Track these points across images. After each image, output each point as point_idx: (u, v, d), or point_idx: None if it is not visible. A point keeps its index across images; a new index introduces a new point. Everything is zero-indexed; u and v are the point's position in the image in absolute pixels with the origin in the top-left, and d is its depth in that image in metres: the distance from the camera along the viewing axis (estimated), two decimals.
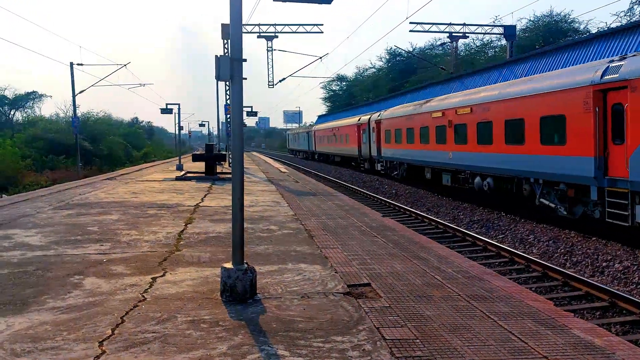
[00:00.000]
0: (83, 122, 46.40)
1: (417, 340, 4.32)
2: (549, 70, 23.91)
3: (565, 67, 22.90)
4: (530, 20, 44.15)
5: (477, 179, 18.10)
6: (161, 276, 6.40)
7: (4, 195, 23.35)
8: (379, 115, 30.76)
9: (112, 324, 4.74)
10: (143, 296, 5.58)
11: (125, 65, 35.68)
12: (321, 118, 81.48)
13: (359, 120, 36.22)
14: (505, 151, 15.92)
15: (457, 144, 19.33)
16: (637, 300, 7.92)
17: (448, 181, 20.83)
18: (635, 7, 33.95)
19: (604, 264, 10.40)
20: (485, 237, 13.21)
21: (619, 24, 32.46)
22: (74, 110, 36.53)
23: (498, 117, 16.31)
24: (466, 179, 19.20)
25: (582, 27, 41.48)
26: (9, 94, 67.94)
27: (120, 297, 5.54)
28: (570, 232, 13.16)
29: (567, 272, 9.60)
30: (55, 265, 6.95)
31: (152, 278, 6.30)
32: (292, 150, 78.44)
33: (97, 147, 48.46)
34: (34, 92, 69.29)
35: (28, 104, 69.41)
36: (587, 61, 21.78)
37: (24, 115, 67.87)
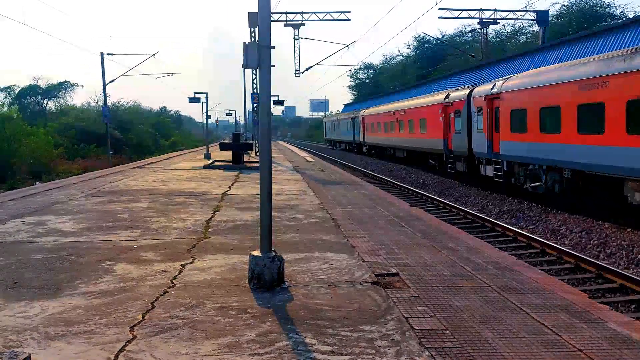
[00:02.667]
0: (113, 111, 47.24)
1: (447, 331, 4.25)
2: (583, 56, 23.25)
3: (601, 53, 22.23)
4: (563, 5, 42.95)
5: None
6: (190, 263, 6.46)
7: (38, 182, 23.99)
8: (492, 87, 18.74)
9: (142, 309, 4.81)
10: (172, 282, 5.65)
11: (154, 54, 36.08)
12: (348, 107, 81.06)
13: (446, 97, 23.67)
14: None
15: None
16: None
17: None
18: None
19: None
20: (515, 227, 12.97)
21: None
22: (105, 100, 37.16)
23: None
24: None
25: (618, 12, 40.18)
26: (42, 83, 69.52)
27: (150, 283, 5.62)
28: (604, 223, 12.81)
29: (600, 263, 9.36)
30: (87, 251, 7.09)
31: (181, 265, 6.37)
32: (331, 141, 65.49)
33: (127, 136, 49.35)
34: (65, 81, 70.74)
35: (60, 93, 70.88)
36: (624, 47, 21.06)
37: (57, 104, 69.41)
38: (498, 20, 35.80)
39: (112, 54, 35.37)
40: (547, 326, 4.37)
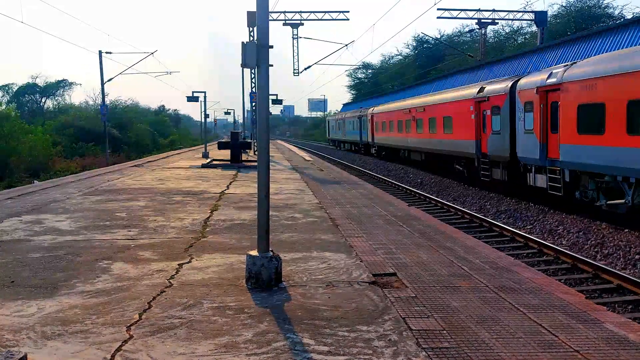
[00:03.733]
0: (111, 109, 47.22)
1: (444, 332, 4.25)
2: (582, 58, 23.29)
3: (599, 53, 22.26)
4: (562, 5, 43.02)
5: None
6: (187, 262, 6.45)
7: (35, 181, 23.95)
8: (548, 77, 15.09)
9: (139, 308, 4.80)
10: (169, 282, 5.64)
11: (152, 53, 36.04)
12: (347, 106, 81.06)
13: (480, 91, 19.80)
14: None
15: None
16: None
17: None
18: None
19: (637, 256, 10.11)
20: (512, 227, 12.98)
21: None
22: (103, 98, 37.12)
23: None
24: None
25: (616, 12, 40.26)
26: (40, 82, 69.43)
27: (148, 283, 5.61)
28: (602, 223, 12.83)
29: (597, 264, 9.37)
30: (84, 250, 7.07)
31: (178, 264, 6.36)
32: (334, 141, 61.77)
33: (125, 134, 49.33)
34: (64, 80, 70.74)
35: (58, 92, 70.87)
36: (623, 47, 21.10)
37: (55, 103, 69.41)
38: (496, 21, 35.80)
39: (110, 52, 35.24)
40: (544, 326, 4.37)
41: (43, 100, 70.95)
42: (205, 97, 33.08)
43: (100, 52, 34.54)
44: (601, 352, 3.88)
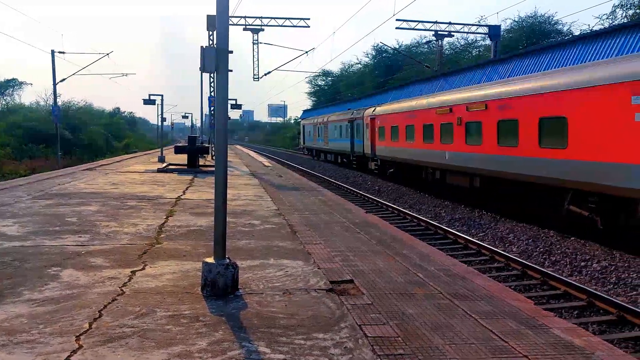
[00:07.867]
0: (64, 111, 45.73)
1: (399, 339, 4.31)
2: (532, 71, 24.17)
3: (549, 68, 23.19)
4: (514, 20, 44.61)
5: None
6: (141, 269, 6.30)
7: None
8: None
9: (89, 317, 4.65)
10: (122, 290, 5.49)
11: (107, 54, 35.23)
12: (307, 112, 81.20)
13: None
14: None
15: None
16: (614, 300, 8.04)
17: None
18: (617, 10, 34.49)
19: (582, 263, 10.55)
20: (466, 235, 13.30)
21: (601, 26, 32.94)
22: (55, 99, 35.94)
23: None
24: None
25: (565, 28, 42.05)
26: None
27: (99, 290, 5.44)
28: (549, 231, 13.32)
29: (546, 271, 9.71)
30: (32, 256, 6.80)
31: (131, 271, 6.20)
32: (311, 150, 50.28)
33: (78, 136, 47.85)
34: (13, 79, 68.15)
35: (8, 91, 68.14)
36: (571, 63, 22.04)
37: (4, 102, 66.67)
38: (452, 33, 36.80)
39: (63, 52, 34.16)
40: (495, 333, 4.49)
41: None
42: (162, 100, 32.50)
43: (52, 52, 33.46)
44: (548, 357, 4.03)
